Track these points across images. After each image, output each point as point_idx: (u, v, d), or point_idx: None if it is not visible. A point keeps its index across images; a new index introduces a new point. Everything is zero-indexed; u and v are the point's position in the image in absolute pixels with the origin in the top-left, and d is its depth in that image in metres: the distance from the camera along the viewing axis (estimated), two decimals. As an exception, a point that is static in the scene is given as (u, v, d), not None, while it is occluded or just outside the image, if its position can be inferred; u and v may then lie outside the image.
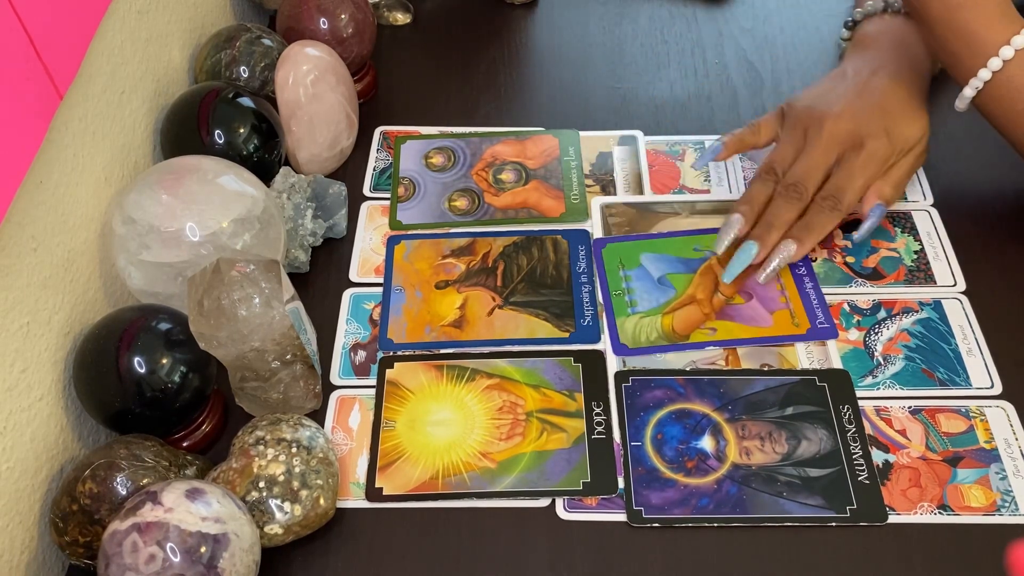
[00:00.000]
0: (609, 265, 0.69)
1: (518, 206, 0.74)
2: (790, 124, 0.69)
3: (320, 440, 0.57)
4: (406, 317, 0.67)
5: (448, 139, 0.80)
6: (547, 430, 0.61)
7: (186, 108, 0.70)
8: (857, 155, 0.67)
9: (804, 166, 0.67)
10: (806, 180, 0.66)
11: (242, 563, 0.50)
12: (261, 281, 0.57)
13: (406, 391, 0.64)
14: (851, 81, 0.70)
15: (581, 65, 0.86)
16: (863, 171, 0.66)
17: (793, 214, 0.66)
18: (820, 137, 0.67)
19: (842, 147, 0.67)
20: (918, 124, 0.68)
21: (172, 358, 0.57)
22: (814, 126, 0.68)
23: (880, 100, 0.68)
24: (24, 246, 0.55)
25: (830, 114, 0.67)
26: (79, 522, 0.53)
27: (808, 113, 0.68)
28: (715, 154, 0.70)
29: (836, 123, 0.67)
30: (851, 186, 0.66)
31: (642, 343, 0.65)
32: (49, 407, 0.58)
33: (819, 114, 0.68)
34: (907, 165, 0.68)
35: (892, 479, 0.58)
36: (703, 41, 0.88)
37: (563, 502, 0.58)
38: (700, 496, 0.58)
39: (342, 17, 0.78)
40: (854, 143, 0.67)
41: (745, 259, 0.66)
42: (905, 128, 0.68)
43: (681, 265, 0.69)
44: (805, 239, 0.66)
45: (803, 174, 0.67)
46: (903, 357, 0.64)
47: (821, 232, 0.66)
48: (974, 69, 0.65)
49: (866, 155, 0.67)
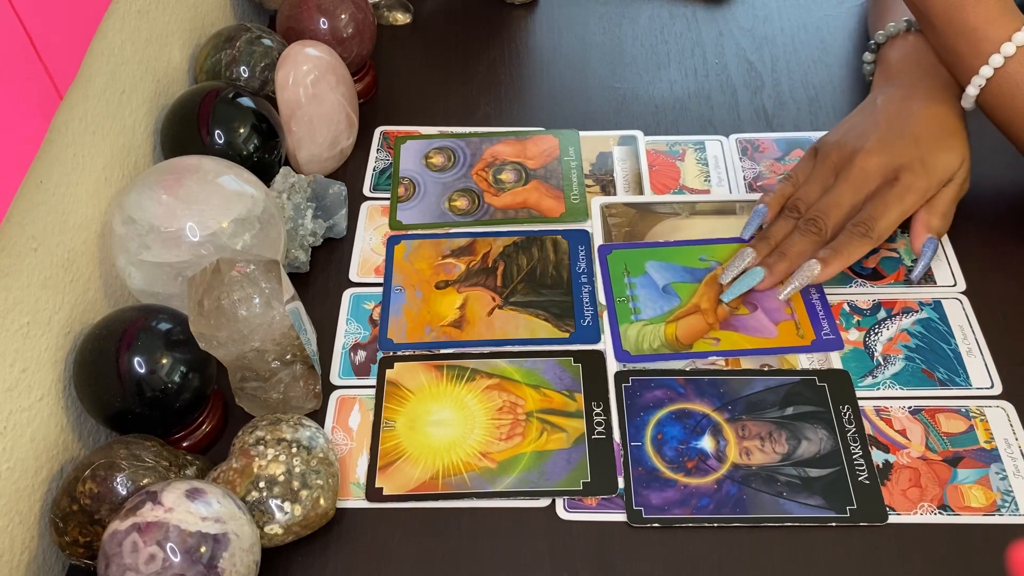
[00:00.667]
0: (614, 272, 0.69)
1: (518, 206, 0.74)
2: (820, 160, 0.68)
3: (320, 440, 0.57)
4: (406, 317, 0.67)
5: (448, 139, 0.80)
6: (547, 430, 0.61)
7: (186, 108, 0.70)
8: (892, 187, 0.64)
9: (827, 202, 0.65)
10: (826, 215, 0.65)
11: (242, 563, 0.50)
12: (261, 281, 0.57)
13: (406, 391, 0.64)
14: (882, 112, 0.68)
15: (581, 65, 0.86)
16: (899, 203, 0.64)
17: (808, 246, 0.65)
18: (850, 173, 0.65)
19: (875, 183, 0.65)
20: (956, 152, 0.66)
21: (172, 358, 0.57)
22: (845, 163, 0.66)
23: (914, 130, 0.66)
24: (24, 246, 0.55)
25: (861, 150, 0.65)
26: (79, 522, 0.53)
27: (838, 148, 0.67)
28: (762, 217, 0.68)
29: (867, 159, 0.65)
30: (885, 215, 0.64)
31: (645, 351, 0.65)
32: (49, 407, 0.58)
33: (849, 150, 0.66)
34: (951, 193, 0.66)
35: (892, 479, 0.58)
36: (703, 41, 0.88)
37: (563, 502, 0.58)
38: (700, 496, 0.58)
39: (342, 17, 0.78)
40: (887, 178, 0.65)
41: (749, 283, 0.65)
42: (942, 157, 0.65)
43: (686, 274, 0.69)
44: (832, 261, 0.64)
45: (824, 209, 0.65)
46: (903, 357, 0.64)
47: (849, 257, 0.64)
48: (976, 67, 0.64)
49: (902, 187, 0.64)
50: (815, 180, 0.67)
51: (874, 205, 0.65)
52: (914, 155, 0.65)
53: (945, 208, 0.66)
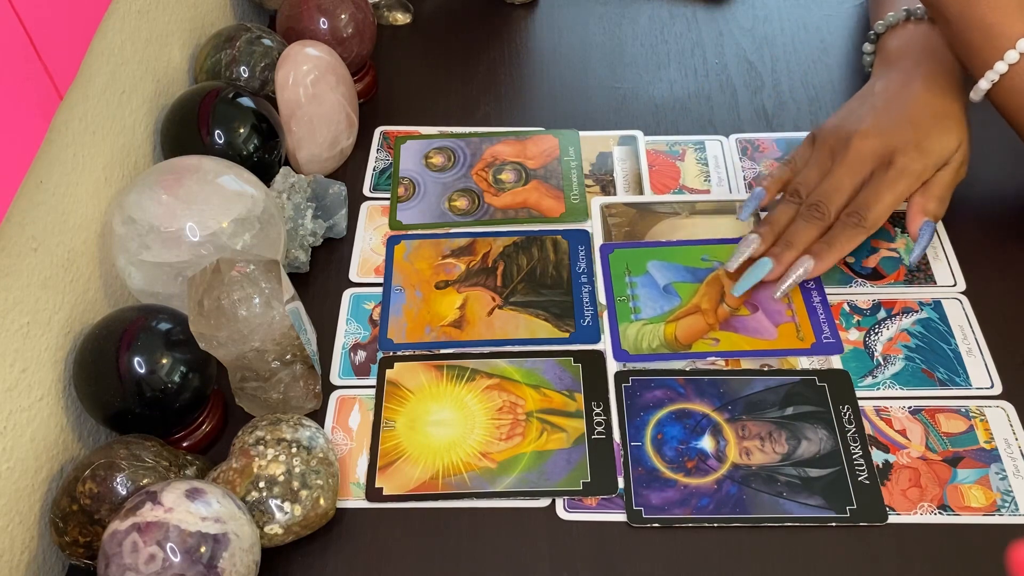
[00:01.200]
0: (615, 270, 0.69)
1: (518, 206, 0.74)
2: (818, 146, 0.68)
3: (320, 440, 0.57)
4: (406, 317, 0.67)
5: (448, 139, 0.80)
6: (547, 430, 0.61)
7: (186, 108, 0.70)
8: (886, 172, 0.65)
9: (827, 186, 0.65)
10: (828, 200, 0.65)
11: (242, 563, 0.50)
12: (261, 281, 0.57)
13: (406, 391, 0.64)
14: (879, 96, 0.68)
15: (581, 65, 0.86)
16: (892, 188, 0.64)
17: (813, 233, 0.65)
18: (846, 157, 0.65)
19: (870, 165, 0.65)
20: (953, 134, 0.65)
21: (172, 358, 0.57)
22: (840, 146, 0.66)
23: (910, 112, 0.66)
24: (24, 246, 0.55)
25: (856, 132, 0.66)
26: (79, 522, 0.53)
27: (835, 133, 0.67)
28: (759, 199, 0.68)
29: (862, 141, 0.65)
30: (877, 202, 0.64)
31: (643, 350, 0.65)
32: (49, 407, 0.58)
33: (845, 133, 0.66)
34: (947, 177, 0.66)
35: (892, 479, 0.58)
36: (703, 41, 0.88)
37: (563, 502, 0.58)
38: (700, 496, 0.58)
39: (342, 17, 0.78)
40: (883, 160, 0.65)
41: (758, 275, 0.65)
42: (938, 140, 0.65)
43: (688, 274, 0.69)
44: (825, 255, 0.64)
45: (825, 194, 0.65)
46: (903, 357, 0.64)
47: (842, 249, 0.64)
48: (990, 62, 0.64)
49: (896, 171, 0.64)
50: (814, 165, 0.67)
51: (866, 193, 0.65)
52: (909, 138, 0.65)
53: (941, 192, 0.66)
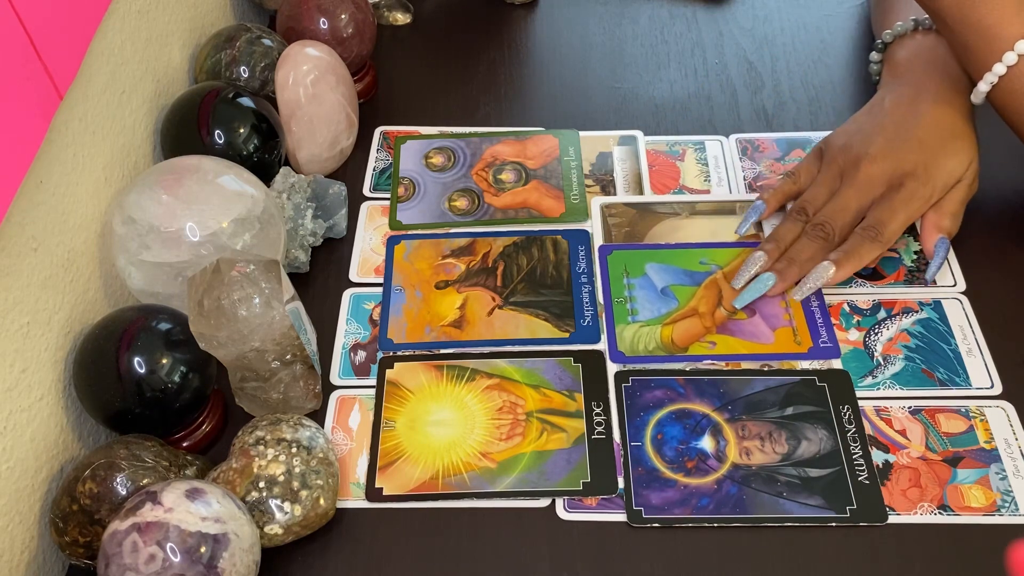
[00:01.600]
0: (613, 272, 0.69)
1: (518, 206, 0.74)
2: (826, 163, 0.68)
3: (320, 440, 0.57)
4: (406, 317, 0.67)
5: (448, 139, 0.80)
6: (547, 430, 0.61)
7: (186, 108, 0.70)
8: (897, 192, 0.65)
9: (835, 206, 0.65)
10: (834, 220, 0.65)
11: (242, 563, 0.50)
12: (261, 281, 0.57)
13: (406, 391, 0.64)
14: (889, 114, 0.68)
15: (581, 65, 0.86)
16: (904, 207, 0.65)
17: (816, 251, 0.65)
18: (855, 179, 0.65)
19: (880, 189, 0.65)
20: (962, 155, 0.66)
21: (172, 358, 0.57)
22: (850, 168, 0.66)
23: (920, 134, 0.66)
24: (24, 246, 0.55)
25: (866, 155, 0.66)
26: (79, 522, 0.53)
27: (844, 153, 0.67)
28: (759, 213, 0.69)
29: (872, 165, 0.65)
30: (893, 219, 0.64)
31: (640, 352, 0.65)
32: (49, 407, 0.58)
33: (855, 155, 0.66)
34: (960, 194, 0.66)
35: (892, 479, 0.58)
36: (703, 41, 0.88)
37: (563, 502, 0.58)
38: (700, 496, 0.58)
39: (342, 17, 0.78)
40: (892, 184, 0.65)
41: (760, 290, 0.65)
42: (947, 162, 0.65)
43: (686, 277, 0.69)
44: (844, 263, 0.64)
45: (832, 214, 0.65)
46: (903, 357, 0.64)
47: (859, 260, 0.64)
48: (989, 63, 0.64)
49: (907, 193, 0.65)
50: (822, 184, 0.67)
51: (882, 209, 0.65)
52: (918, 160, 0.65)
53: (954, 208, 0.66)
